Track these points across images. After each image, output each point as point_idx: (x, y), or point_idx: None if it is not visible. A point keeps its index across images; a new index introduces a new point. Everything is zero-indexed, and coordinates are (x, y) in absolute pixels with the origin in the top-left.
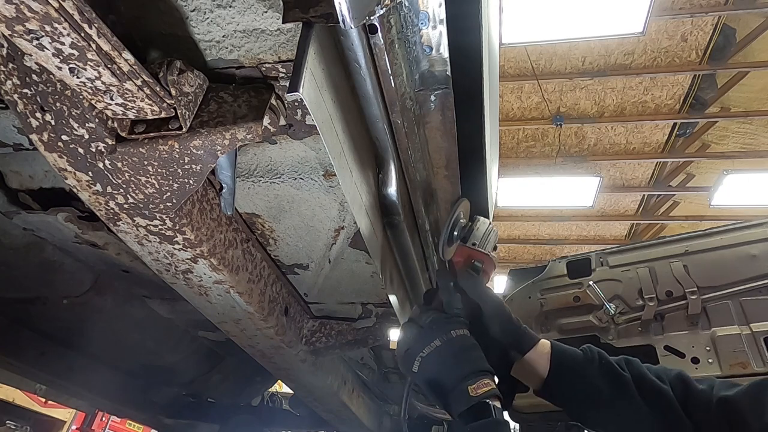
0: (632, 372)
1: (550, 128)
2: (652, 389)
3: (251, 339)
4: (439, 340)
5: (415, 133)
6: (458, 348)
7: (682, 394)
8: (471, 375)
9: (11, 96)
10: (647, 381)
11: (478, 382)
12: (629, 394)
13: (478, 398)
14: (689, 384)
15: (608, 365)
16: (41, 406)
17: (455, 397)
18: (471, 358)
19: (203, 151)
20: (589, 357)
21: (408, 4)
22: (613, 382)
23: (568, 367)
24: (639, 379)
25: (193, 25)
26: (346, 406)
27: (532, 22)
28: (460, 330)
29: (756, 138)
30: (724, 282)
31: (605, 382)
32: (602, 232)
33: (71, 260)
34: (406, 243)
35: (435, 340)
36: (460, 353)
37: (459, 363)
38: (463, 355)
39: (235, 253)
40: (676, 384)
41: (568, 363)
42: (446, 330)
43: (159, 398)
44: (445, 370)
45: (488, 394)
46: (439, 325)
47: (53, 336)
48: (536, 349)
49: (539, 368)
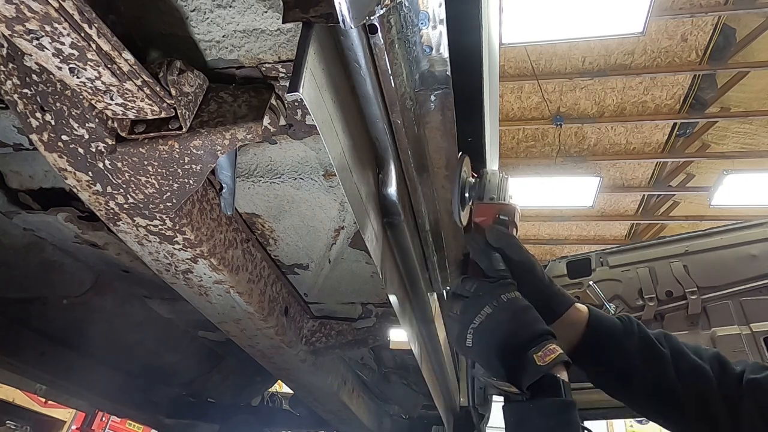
0: (671, 348)
1: (550, 128)
2: (690, 367)
3: (251, 339)
4: (489, 306)
5: (415, 133)
6: (513, 312)
7: (719, 374)
8: (533, 340)
9: (11, 96)
10: (685, 357)
11: (543, 349)
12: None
13: (546, 368)
14: (726, 365)
15: (647, 338)
16: (41, 406)
17: (521, 368)
18: (529, 321)
19: (203, 151)
20: (628, 328)
21: (408, 4)
22: (649, 357)
23: (604, 335)
24: (676, 354)
25: (193, 25)
26: (346, 406)
27: (532, 22)
28: (509, 292)
29: (756, 138)
30: (724, 282)
31: (642, 355)
32: (602, 232)
33: (71, 260)
34: (406, 243)
35: (485, 307)
36: (516, 317)
37: (518, 328)
38: (520, 318)
39: (235, 253)
40: (713, 364)
41: (605, 331)
42: (495, 294)
43: (159, 398)
44: (503, 338)
45: (556, 361)
46: (486, 291)
47: (53, 336)
48: (570, 313)
49: (571, 333)
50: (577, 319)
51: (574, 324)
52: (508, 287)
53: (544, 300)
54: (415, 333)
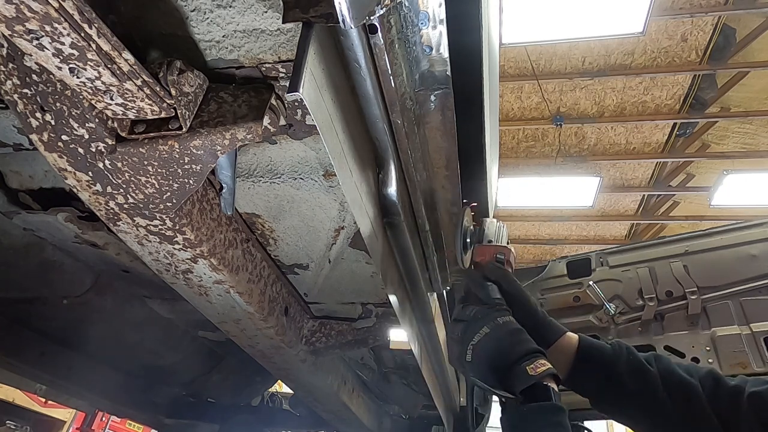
0: (660, 368)
1: (550, 128)
2: (679, 384)
3: (251, 339)
4: (487, 327)
5: (415, 133)
6: (507, 331)
7: (711, 390)
8: (526, 355)
9: (11, 96)
10: (675, 376)
11: (534, 362)
12: (654, 390)
13: (537, 377)
14: (720, 380)
15: (636, 361)
16: (41, 406)
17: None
18: (522, 340)
19: (203, 151)
20: (617, 352)
21: (408, 4)
22: (638, 378)
23: (594, 361)
24: (666, 374)
25: (193, 25)
26: (346, 406)
27: (532, 22)
28: (504, 316)
29: (756, 138)
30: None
31: (631, 378)
32: (602, 232)
33: (71, 260)
34: (406, 243)
35: (483, 327)
36: (511, 336)
37: (512, 345)
38: (514, 337)
39: (235, 253)
40: (707, 380)
41: (595, 357)
42: (492, 317)
43: (159, 398)
44: (499, 353)
45: (546, 373)
46: (484, 314)
47: (53, 336)
48: (561, 342)
49: (563, 361)
50: (568, 347)
51: (565, 351)
52: (504, 312)
53: (537, 328)
54: (415, 333)
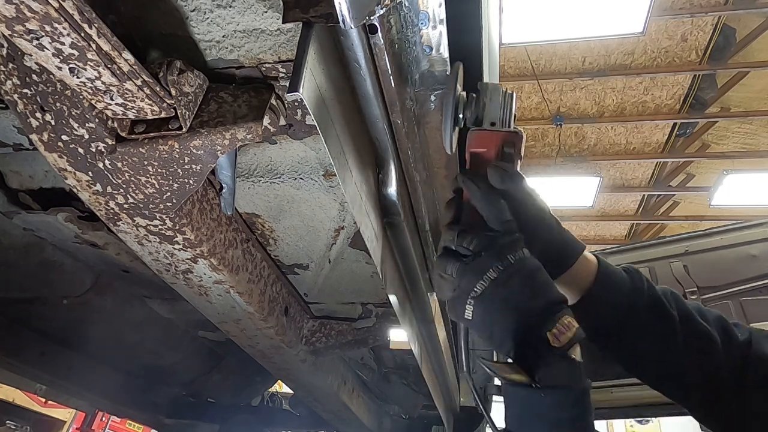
0: (679, 310)
1: (550, 128)
2: (697, 333)
3: (251, 339)
4: (493, 270)
5: (415, 133)
6: (522, 277)
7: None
8: (546, 314)
9: (11, 96)
10: (692, 323)
11: (558, 325)
12: (673, 334)
13: (563, 350)
14: (731, 334)
15: (656, 297)
16: (41, 406)
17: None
18: (539, 287)
19: (203, 151)
20: (638, 285)
21: (408, 4)
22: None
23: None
24: (684, 319)
25: (193, 25)
26: (346, 406)
27: (532, 22)
28: (519, 251)
29: (756, 138)
30: (724, 282)
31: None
32: (602, 232)
33: (71, 260)
34: (406, 243)
35: (488, 270)
36: (527, 283)
37: (527, 298)
38: (530, 285)
39: (235, 253)
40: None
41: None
42: (500, 254)
43: (159, 398)
44: (511, 311)
45: (573, 341)
46: (489, 249)
47: (53, 336)
48: (578, 266)
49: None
50: (585, 272)
51: (581, 276)
52: (516, 243)
53: (554, 251)
54: (415, 333)
